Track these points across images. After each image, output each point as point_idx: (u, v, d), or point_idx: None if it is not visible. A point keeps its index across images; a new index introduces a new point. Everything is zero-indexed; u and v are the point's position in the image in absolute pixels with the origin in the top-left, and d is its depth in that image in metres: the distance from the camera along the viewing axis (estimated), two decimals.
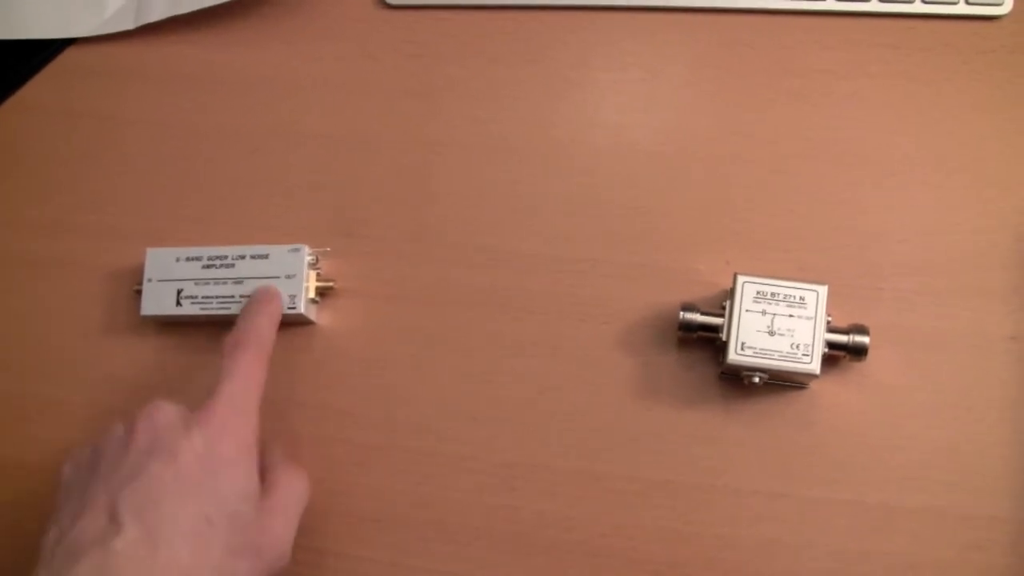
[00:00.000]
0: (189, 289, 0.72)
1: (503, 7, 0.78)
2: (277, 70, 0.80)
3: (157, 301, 0.73)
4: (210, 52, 0.82)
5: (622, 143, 0.74)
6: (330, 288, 0.73)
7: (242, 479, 0.60)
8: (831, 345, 0.64)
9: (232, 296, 0.71)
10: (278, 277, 0.71)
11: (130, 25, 0.81)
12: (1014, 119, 0.71)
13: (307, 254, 0.72)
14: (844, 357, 0.65)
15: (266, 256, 0.72)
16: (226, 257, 0.72)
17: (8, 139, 0.82)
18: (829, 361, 0.65)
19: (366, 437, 0.72)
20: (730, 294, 0.64)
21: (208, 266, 0.72)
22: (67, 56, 0.83)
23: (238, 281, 0.72)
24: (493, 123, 0.76)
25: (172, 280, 0.73)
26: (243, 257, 0.72)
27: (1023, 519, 0.64)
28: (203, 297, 0.72)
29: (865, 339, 0.64)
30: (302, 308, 0.71)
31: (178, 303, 0.72)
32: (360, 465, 0.71)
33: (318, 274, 0.73)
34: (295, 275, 0.71)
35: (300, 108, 0.79)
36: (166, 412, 0.60)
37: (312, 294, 0.72)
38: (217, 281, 0.72)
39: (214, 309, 0.72)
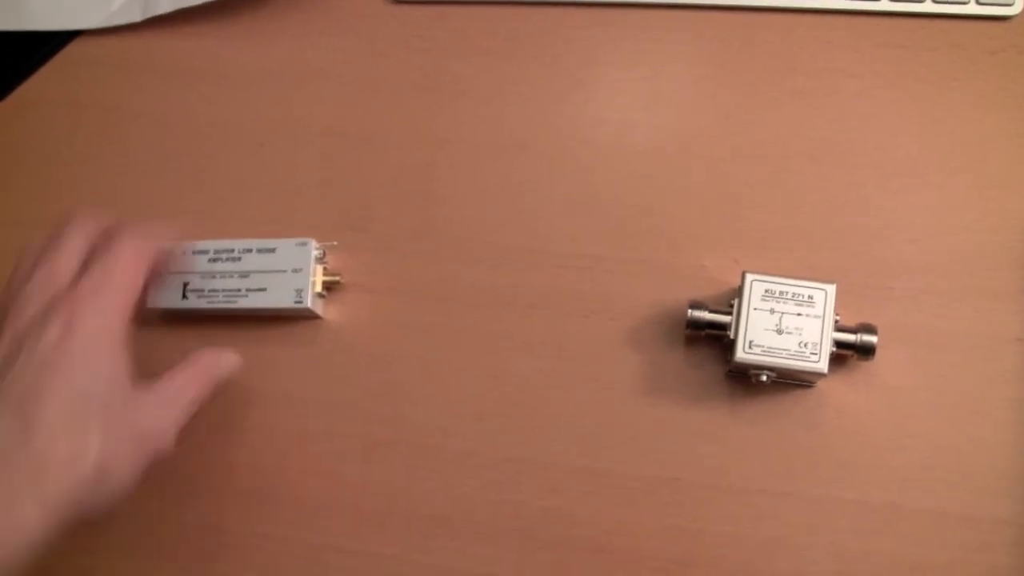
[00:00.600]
0: (195, 282, 0.72)
1: (511, 3, 0.78)
2: (285, 64, 0.80)
3: (163, 294, 0.72)
4: (217, 46, 0.81)
5: (629, 140, 0.74)
6: (336, 283, 0.73)
7: (110, 360, 0.59)
8: (839, 344, 0.64)
9: (239, 290, 0.71)
10: (284, 271, 0.71)
11: (137, 18, 0.81)
12: (1021, 120, 0.71)
13: (314, 248, 0.71)
14: (852, 356, 0.65)
15: (273, 250, 0.71)
16: (232, 251, 0.72)
17: (13, 131, 0.82)
18: (836, 360, 0.65)
19: (372, 432, 0.72)
20: (738, 292, 0.64)
21: (215, 259, 0.72)
22: (73, 48, 0.83)
23: (244, 275, 0.71)
24: (500, 120, 0.76)
25: (178, 273, 0.72)
26: (250, 251, 0.72)
27: None
28: (209, 291, 0.72)
29: (873, 338, 0.64)
30: (309, 302, 0.70)
31: (184, 296, 0.72)
32: (366, 460, 0.71)
33: (325, 268, 0.72)
34: (302, 269, 0.70)
35: (307, 103, 0.79)
36: (23, 310, 0.60)
37: (319, 288, 0.72)
38: (223, 275, 0.72)
39: (220, 303, 0.72)
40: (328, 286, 0.73)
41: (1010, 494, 0.65)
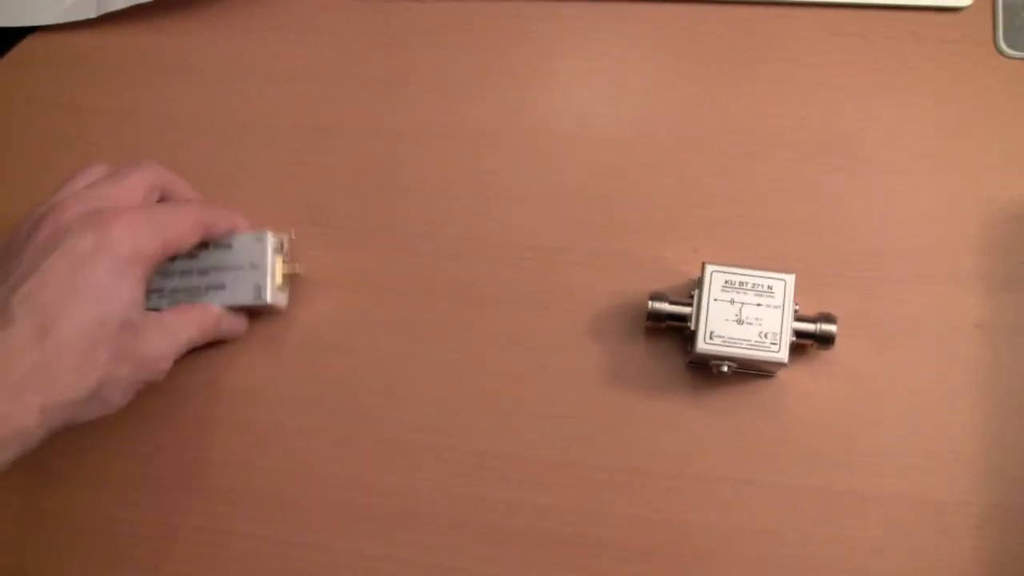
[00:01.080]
0: (155, 282, 0.69)
1: None
2: (244, 59, 0.80)
3: None
4: (174, 41, 0.81)
5: (589, 132, 0.74)
6: (296, 274, 0.72)
7: (134, 285, 0.61)
8: (799, 334, 0.64)
9: (199, 288, 0.69)
10: (242, 267, 0.69)
11: (92, 14, 0.80)
12: (978, 107, 0.71)
13: (270, 241, 0.69)
14: (812, 345, 0.66)
15: (229, 246, 0.70)
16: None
17: None
18: (797, 350, 0.65)
19: (336, 427, 0.72)
20: (698, 283, 0.64)
21: (172, 257, 0.67)
22: (27, 44, 0.82)
23: (203, 272, 0.70)
24: (461, 112, 0.76)
25: None
26: (206, 247, 0.70)
27: (990, 503, 0.65)
28: (170, 290, 0.70)
29: (832, 328, 0.65)
30: (268, 298, 0.69)
31: (146, 297, 0.66)
32: (331, 455, 0.71)
33: (284, 260, 0.71)
34: (259, 265, 0.69)
35: (270, 97, 0.79)
36: (72, 208, 0.61)
37: (279, 281, 0.70)
38: (183, 273, 0.70)
39: (181, 302, 0.70)
40: (289, 277, 0.72)
41: (973, 477, 0.66)
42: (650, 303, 0.66)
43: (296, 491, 0.71)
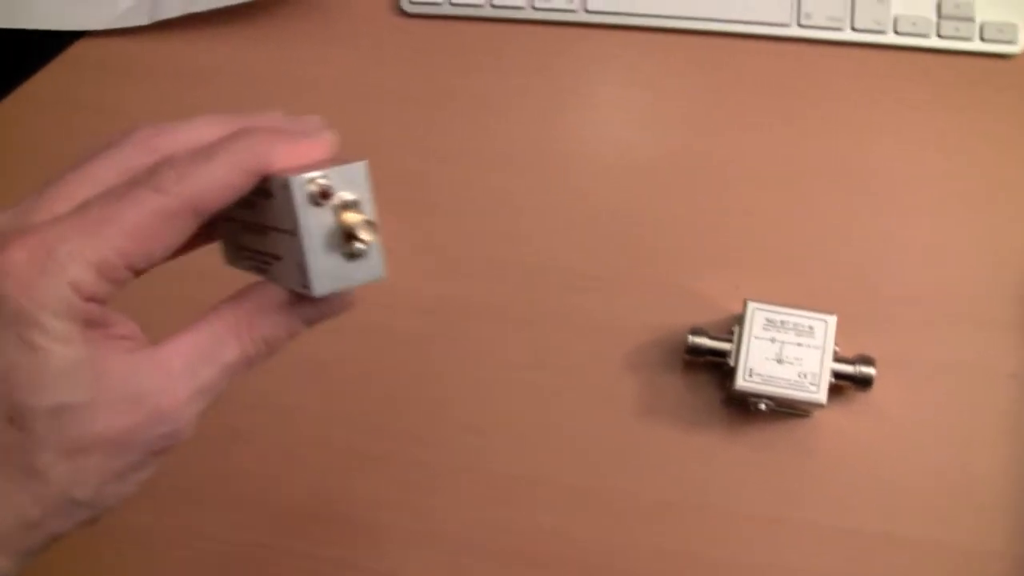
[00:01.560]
0: (239, 236, 0.47)
1: (516, 20, 0.78)
2: (287, 70, 0.80)
3: None
4: (223, 50, 0.81)
5: (632, 161, 0.74)
6: (370, 223, 0.42)
7: (56, 349, 0.39)
8: (838, 375, 0.64)
9: (265, 254, 0.45)
10: (284, 229, 0.42)
11: (144, 21, 0.80)
12: (1023, 155, 0.71)
13: (298, 188, 0.40)
14: (849, 387, 0.66)
15: (269, 192, 0.42)
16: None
17: (14, 130, 0.82)
18: (834, 390, 0.65)
19: (365, 445, 0.72)
20: (739, 320, 0.65)
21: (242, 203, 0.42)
22: (76, 49, 0.83)
23: (260, 229, 0.44)
24: (501, 136, 0.76)
25: None
26: (260, 193, 0.43)
27: (1020, 553, 0.65)
28: (250, 250, 0.46)
29: (871, 370, 0.65)
30: (316, 290, 0.42)
31: (240, 256, 0.47)
32: (359, 473, 0.71)
33: (349, 206, 0.42)
34: (294, 228, 0.41)
35: (307, 110, 0.78)
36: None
37: (344, 247, 0.42)
38: (247, 226, 0.45)
39: (256, 268, 0.46)
40: (351, 236, 0.42)
41: (1003, 527, 0.66)
42: (690, 337, 0.66)
43: (322, 508, 0.71)
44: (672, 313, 0.71)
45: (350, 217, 0.42)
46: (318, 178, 0.42)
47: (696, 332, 0.67)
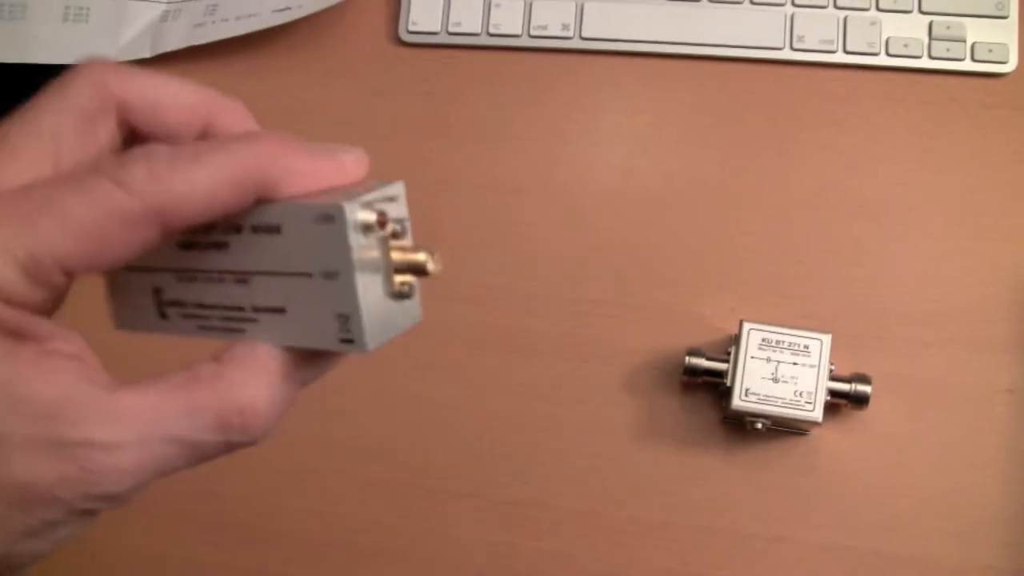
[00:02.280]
0: (170, 287, 0.38)
1: (513, 48, 0.79)
2: (287, 101, 0.81)
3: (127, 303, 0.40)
4: (224, 81, 0.82)
5: (629, 186, 0.75)
6: (423, 265, 0.36)
7: None
8: (833, 393, 0.65)
9: (242, 308, 0.36)
10: (307, 274, 0.34)
11: (147, 53, 0.82)
12: (1017, 174, 0.72)
13: (352, 219, 0.33)
14: (845, 405, 0.66)
15: (277, 228, 0.34)
16: (213, 227, 0.35)
17: None
18: (830, 409, 0.66)
19: (368, 471, 0.72)
20: (735, 340, 0.65)
21: (188, 244, 0.36)
22: None
23: (242, 277, 0.36)
24: (501, 163, 0.77)
25: (144, 270, 0.38)
26: (238, 229, 0.35)
27: (1018, 570, 0.65)
28: (195, 304, 0.38)
29: (867, 388, 0.65)
30: (367, 339, 0.35)
31: (161, 313, 0.39)
32: (361, 499, 0.72)
33: (396, 235, 0.36)
34: (339, 270, 0.33)
35: (314, 139, 0.80)
36: None
37: (389, 292, 0.36)
38: (208, 276, 0.37)
39: (215, 327, 0.37)
40: (411, 270, 0.36)
41: (1000, 542, 0.66)
42: (687, 358, 0.67)
43: (323, 534, 0.71)
44: (669, 335, 0.71)
45: (406, 250, 0.35)
46: (374, 202, 0.34)
47: (693, 353, 0.67)
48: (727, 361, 0.66)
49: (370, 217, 0.34)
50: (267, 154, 0.33)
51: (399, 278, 0.36)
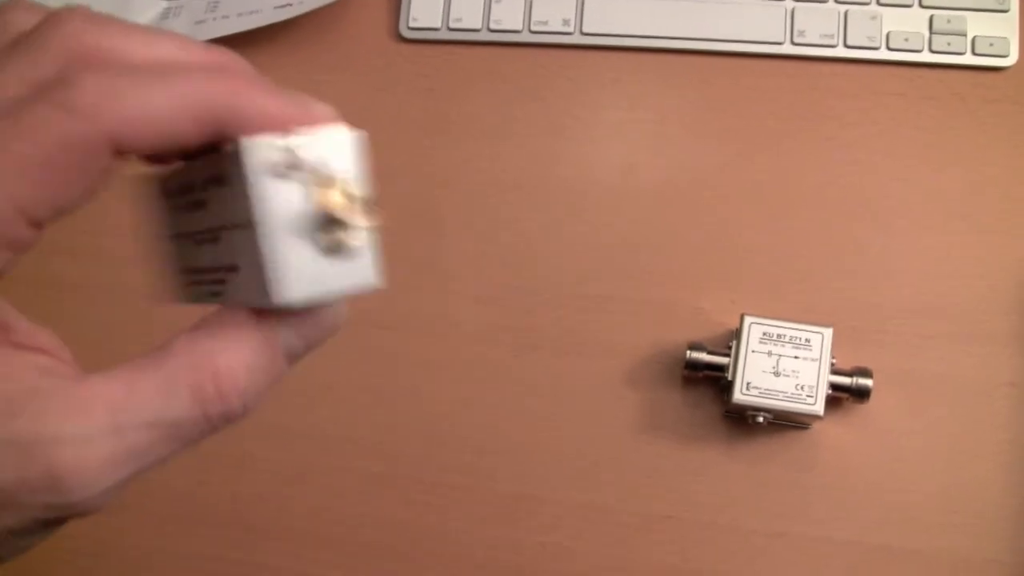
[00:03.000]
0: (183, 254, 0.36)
1: (513, 44, 0.79)
2: None
3: None
4: None
5: (631, 181, 0.75)
6: (352, 200, 0.31)
7: None
8: (835, 387, 0.65)
9: (216, 268, 0.33)
10: (245, 224, 0.30)
11: None
12: (1018, 168, 0.72)
13: (252, 153, 0.29)
14: (847, 399, 0.66)
15: (226, 179, 0.31)
16: (192, 187, 0.33)
17: None
18: (832, 403, 0.66)
19: (369, 467, 0.72)
20: (736, 334, 0.65)
21: (183, 207, 0.35)
22: None
23: (213, 235, 0.33)
24: (503, 159, 0.77)
25: None
26: (218, 181, 0.31)
27: (1021, 562, 0.65)
28: (193, 269, 0.35)
29: (868, 382, 0.65)
30: (290, 296, 0.30)
31: (189, 283, 0.36)
32: (363, 495, 0.72)
33: (334, 183, 0.31)
34: (250, 218, 0.30)
35: None
36: None
37: (310, 250, 0.30)
38: (195, 238, 0.34)
39: (211, 299, 0.34)
40: (338, 222, 0.31)
41: (1003, 535, 0.66)
42: (688, 352, 0.67)
43: (326, 529, 0.71)
44: (671, 330, 0.71)
45: (331, 195, 0.31)
46: (281, 140, 0.30)
47: (694, 347, 0.67)
48: (728, 355, 0.66)
49: (275, 154, 0.30)
50: (232, 89, 0.30)
51: (334, 233, 0.31)
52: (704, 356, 0.67)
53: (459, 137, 0.78)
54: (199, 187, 0.32)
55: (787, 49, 0.75)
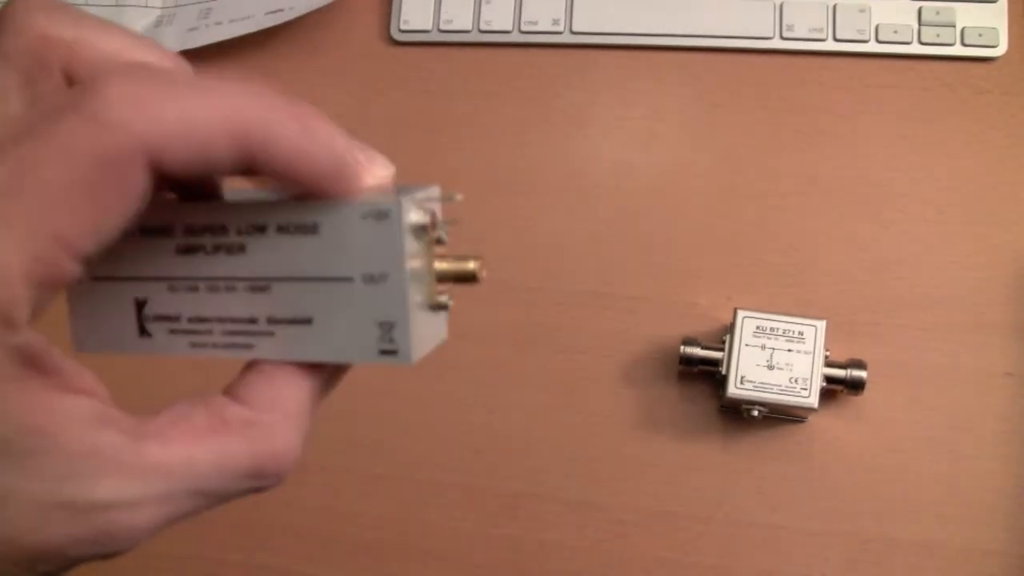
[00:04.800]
0: (159, 299, 0.33)
1: (509, 44, 0.79)
2: None
3: (100, 321, 0.34)
4: None
5: (624, 179, 0.75)
6: (472, 274, 0.36)
7: None
8: (829, 379, 0.65)
9: (255, 320, 0.32)
10: (348, 278, 0.31)
11: None
12: (1009, 158, 0.72)
13: (407, 216, 0.31)
14: (842, 391, 0.66)
15: (315, 228, 0.31)
16: (224, 227, 0.32)
17: None
18: (827, 395, 0.66)
19: (370, 466, 0.73)
20: (730, 328, 0.65)
21: (191, 247, 0.32)
22: None
23: (260, 285, 0.32)
24: (498, 159, 0.77)
25: (126, 279, 0.33)
26: (262, 230, 0.32)
27: (1019, 553, 0.65)
28: (190, 319, 0.33)
29: (862, 374, 0.65)
30: (412, 351, 0.32)
31: (142, 329, 0.34)
32: (364, 494, 0.72)
33: (439, 242, 0.35)
34: (387, 272, 0.31)
35: None
36: None
37: (433, 297, 0.35)
38: (213, 282, 0.32)
39: (217, 344, 0.33)
40: (456, 278, 0.36)
41: (1001, 526, 0.66)
42: (682, 348, 0.67)
43: (327, 528, 0.72)
44: (666, 326, 0.71)
45: (449, 257, 0.33)
46: (423, 202, 0.32)
47: (688, 342, 0.67)
48: (722, 350, 0.66)
49: (424, 218, 0.32)
50: (273, 108, 0.28)
51: (439, 287, 0.34)
52: (698, 351, 0.67)
53: (453, 138, 0.79)
54: (235, 231, 0.31)
55: (776, 44, 0.75)
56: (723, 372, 0.65)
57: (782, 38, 0.75)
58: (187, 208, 0.32)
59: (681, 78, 0.77)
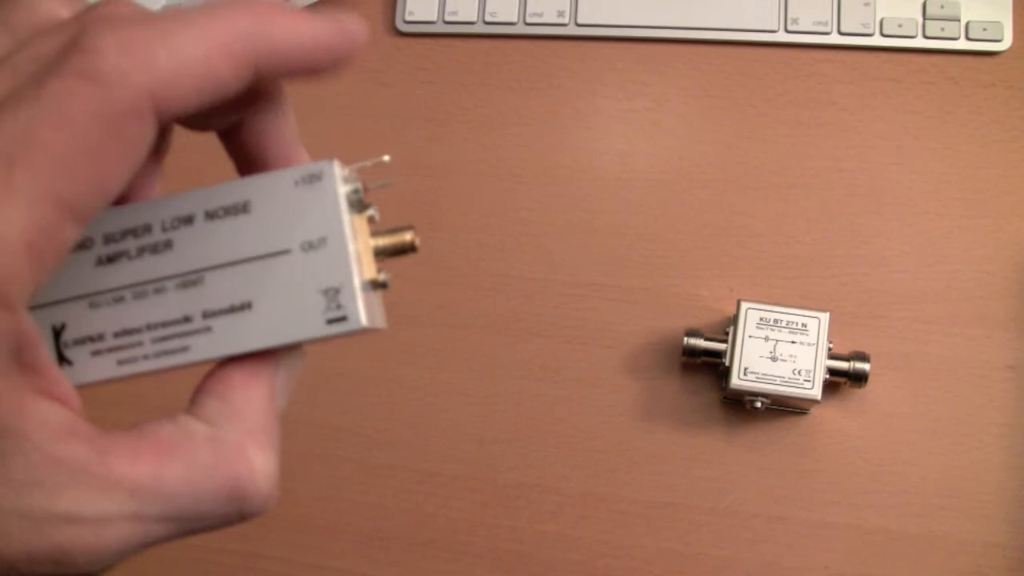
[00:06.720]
0: (78, 321, 0.31)
1: (509, 36, 0.79)
2: (290, 92, 0.81)
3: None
4: None
5: (628, 171, 0.75)
6: (408, 245, 0.34)
7: None
8: (832, 371, 0.65)
9: (189, 318, 0.30)
10: (286, 250, 0.30)
11: None
12: (1013, 151, 0.72)
13: (339, 177, 0.31)
14: (845, 383, 0.66)
15: (245, 207, 0.31)
16: (149, 227, 0.31)
17: None
18: (830, 387, 0.66)
19: (370, 456, 0.73)
20: (733, 320, 0.65)
21: (113, 255, 0.31)
22: None
23: (191, 279, 0.30)
24: (501, 150, 0.77)
25: (41, 306, 0.31)
26: (189, 219, 0.31)
27: (1021, 545, 0.65)
28: (116, 335, 0.31)
29: (866, 366, 0.65)
30: (362, 316, 0.30)
31: (60, 356, 0.31)
32: (364, 484, 0.72)
33: (372, 220, 0.33)
34: (327, 237, 0.30)
35: (307, 132, 0.80)
36: None
37: (370, 274, 0.32)
38: (141, 288, 0.30)
39: (149, 360, 0.30)
40: (394, 251, 0.34)
41: (1003, 518, 0.66)
42: (685, 339, 0.67)
43: (328, 518, 0.72)
44: (669, 318, 0.71)
45: (386, 231, 0.32)
46: (356, 168, 0.32)
47: (691, 334, 0.67)
48: (726, 341, 0.66)
49: (355, 183, 0.31)
50: (261, 18, 0.27)
51: (377, 265, 0.32)
52: (701, 342, 0.67)
53: (457, 129, 0.79)
54: (159, 228, 0.30)
55: (781, 37, 0.75)
56: (726, 363, 0.65)
57: (787, 31, 0.75)
58: (104, 216, 0.30)
59: (685, 71, 0.77)
